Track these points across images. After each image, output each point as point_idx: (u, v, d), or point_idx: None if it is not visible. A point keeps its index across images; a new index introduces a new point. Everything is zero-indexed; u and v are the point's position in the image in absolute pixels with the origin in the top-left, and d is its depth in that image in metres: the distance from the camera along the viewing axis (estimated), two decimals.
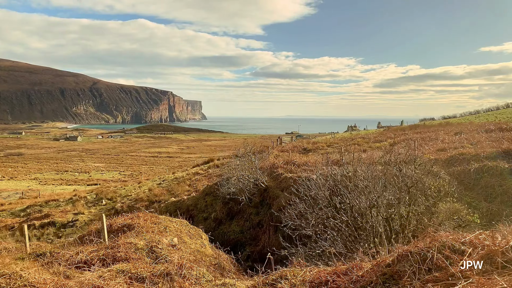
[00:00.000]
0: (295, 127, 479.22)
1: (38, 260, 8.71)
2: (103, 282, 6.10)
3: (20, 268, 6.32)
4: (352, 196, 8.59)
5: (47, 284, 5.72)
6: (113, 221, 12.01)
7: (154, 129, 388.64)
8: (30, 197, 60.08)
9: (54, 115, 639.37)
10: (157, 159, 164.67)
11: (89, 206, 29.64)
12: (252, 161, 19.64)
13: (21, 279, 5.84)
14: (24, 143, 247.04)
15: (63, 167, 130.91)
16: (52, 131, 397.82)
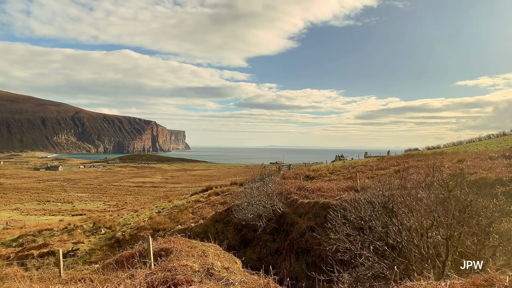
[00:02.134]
0: (279, 157, 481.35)
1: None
2: None
3: None
4: (415, 216, 8.45)
5: None
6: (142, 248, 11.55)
7: (137, 158, 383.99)
8: (14, 227, 57.68)
9: (34, 144, 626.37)
10: (142, 189, 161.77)
11: (87, 235, 28.55)
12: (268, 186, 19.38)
13: None
14: (3, 172, 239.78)
15: (45, 197, 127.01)
16: (31, 161, 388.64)
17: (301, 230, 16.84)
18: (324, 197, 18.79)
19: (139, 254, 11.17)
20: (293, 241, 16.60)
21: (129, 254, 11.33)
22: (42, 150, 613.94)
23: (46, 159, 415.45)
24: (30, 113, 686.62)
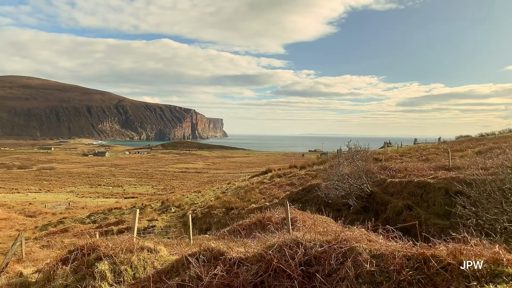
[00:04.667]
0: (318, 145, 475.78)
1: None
2: None
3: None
4: None
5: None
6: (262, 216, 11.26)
7: (179, 145, 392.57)
8: (76, 207, 60.56)
9: (80, 131, 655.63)
10: (186, 174, 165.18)
11: (158, 213, 29.16)
12: (356, 164, 18.71)
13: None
14: (55, 158, 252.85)
15: (96, 181, 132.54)
16: (79, 147, 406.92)
17: (397, 209, 16.07)
18: (416, 176, 17.87)
19: (259, 223, 10.89)
20: (388, 220, 15.87)
21: (247, 224, 11.08)
22: (88, 137, 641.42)
23: (92, 146, 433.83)
24: (77, 102, 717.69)
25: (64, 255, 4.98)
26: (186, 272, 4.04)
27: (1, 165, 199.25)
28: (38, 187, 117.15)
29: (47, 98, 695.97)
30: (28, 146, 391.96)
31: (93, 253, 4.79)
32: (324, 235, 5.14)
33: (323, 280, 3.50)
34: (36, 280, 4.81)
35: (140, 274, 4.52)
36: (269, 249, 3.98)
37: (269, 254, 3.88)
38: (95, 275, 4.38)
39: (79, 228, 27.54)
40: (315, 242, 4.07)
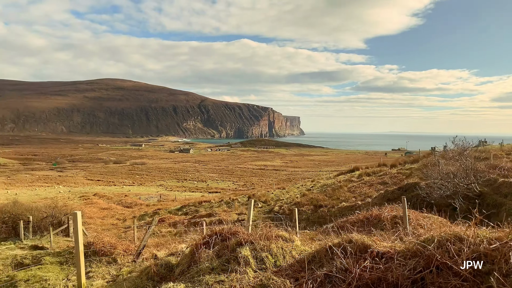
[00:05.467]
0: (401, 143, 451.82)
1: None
2: None
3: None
4: None
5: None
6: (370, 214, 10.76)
7: (256, 143, 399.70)
8: (167, 200, 64.67)
9: (167, 129, 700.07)
10: (265, 171, 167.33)
11: (246, 207, 29.78)
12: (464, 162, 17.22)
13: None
14: (145, 154, 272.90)
15: (182, 176, 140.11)
16: (166, 144, 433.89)
17: None
18: None
19: (366, 221, 10.44)
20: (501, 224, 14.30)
21: (353, 221, 10.67)
22: (174, 135, 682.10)
23: (178, 143, 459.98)
24: (164, 102, 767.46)
25: (204, 239, 5.14)
26: (332, 262, 3.89)
27: (99, 160, 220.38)
28: (131, 180, 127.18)
29: (138, 99, 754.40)
30: (121, 143, 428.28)
31: (233, 239, 4.88)
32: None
33: (501, 279, 3.08)
34: (178, 262, 5.04)
35: (281, 262, 4.49)
36: (428, 243, 3.65)
37: (429, 249, 3.55)
38: (239, 260, 4.43)
39: (173, 219, 29.19)
40: (481, 238, 3.65)
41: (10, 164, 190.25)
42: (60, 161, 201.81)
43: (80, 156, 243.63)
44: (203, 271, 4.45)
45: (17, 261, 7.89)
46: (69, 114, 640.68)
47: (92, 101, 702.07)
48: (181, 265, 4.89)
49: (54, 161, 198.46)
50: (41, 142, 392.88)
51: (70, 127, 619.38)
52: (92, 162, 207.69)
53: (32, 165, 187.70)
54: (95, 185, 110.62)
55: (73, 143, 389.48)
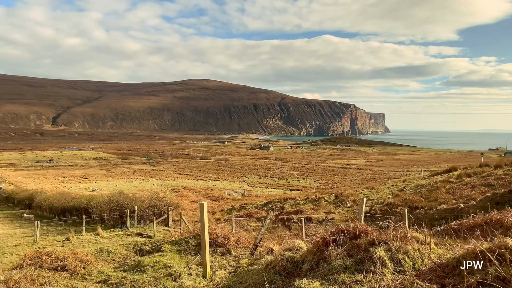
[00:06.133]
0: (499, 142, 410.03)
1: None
2: None
3: None
4: None
5: None
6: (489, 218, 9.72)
7: (338, 141, 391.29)
8: (250, 195, 66.28)
9: (248, 127, 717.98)
10: (347, 170, 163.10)
11: (334, 206, 29.16)
12: None
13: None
14: (228, 150, 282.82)
15: (263, 173, 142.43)
16: (247, 141, 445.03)
17: None
18: None
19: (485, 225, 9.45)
20: None
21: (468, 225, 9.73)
22: (255, 132, 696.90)
23: (258, 140, 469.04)
24: (245, 100, 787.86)
25: (332, 235, 5.01)
26: (485, 270, 3.48)
27: (187, 155, 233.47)
28: (216, 175, 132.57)
29: (222, 98, 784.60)
30: (206, 140, 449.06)
31: (363, 238, 4.67)
32: None
33: None
34: (303, 258, 4.97)
35: (419, 265, 4.17)
36: None
37: None
38: (374, 260, 4.21)
39: (261, 214, 29.65)
40: None
41: (110, 158, 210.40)
42: (153, 156, 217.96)
43: (170, 152, 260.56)
44: (335, 269, 4.30)
45: (138, 247, 8.54)
46: (160, 113, 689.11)
47: (181, 101, 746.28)
48: (308, 262, 4.79)
49: (148, 156, 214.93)
50: (136, 138, 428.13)
51: (161, 125, 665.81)
52: (180, 157, 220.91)
53: (128, 159, 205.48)
54: (184, 179, 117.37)
55: (164, 140, 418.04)
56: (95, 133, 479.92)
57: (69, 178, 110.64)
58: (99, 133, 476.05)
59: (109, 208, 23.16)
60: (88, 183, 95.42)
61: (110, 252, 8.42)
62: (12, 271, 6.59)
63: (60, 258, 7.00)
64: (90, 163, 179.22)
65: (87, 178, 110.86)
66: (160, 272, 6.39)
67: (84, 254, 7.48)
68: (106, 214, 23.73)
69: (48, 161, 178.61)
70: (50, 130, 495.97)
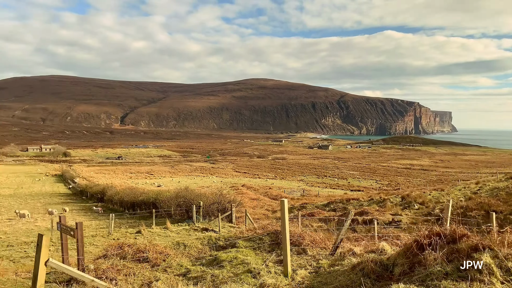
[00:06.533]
0: None
1: None
2: None
3: None
4: None
5: None
6: None
7: (401, 140, 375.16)
8: (309, 195, 65.59)
9: (305, 126, 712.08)
10: (411, 171, 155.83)
11: (401, 208, 27.88)
12: None
13: None
14: (285, 149, 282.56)
15: (322, 173, 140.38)
16: (304, 140, 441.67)
17: None
18: None
19: None
20: None
21: None
22: (312, 131, 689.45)
23: (316, 139, 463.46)
24: (303, 99, 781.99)
25: (425, 239, 4.69)
26: None
27: (245, 154, 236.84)
28: (274, 174, 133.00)
29: (279, 96, 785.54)
30: (263, 139, 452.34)
31: (464, 242, 4.31)
32: None
33: None
34: (393, 262, 4.71)
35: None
36: None
37: None
38: (480, 267, 3.86)
39: (323, 214, 29.14)
40: None
41: (173, 156, 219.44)
42: (212, 154, 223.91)
43: (228, 150, 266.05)
44: (435, 275, 4.00)
45: (212, 242, 8.70)
46: (219, 112, 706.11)
47: (239, 100, 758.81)
48: (400, 265, 4.51)
49: (208, 154, 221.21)
50: (197, 137, 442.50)
51: (220, 124, 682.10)
52: (238, 155, 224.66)
53: (190, 157, 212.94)
54: (242, 177, 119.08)
55: (222, 138, 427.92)
56: (159, 131, 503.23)
57: (136, 174, 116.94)
58: (162, 132, 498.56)
59: (176, 203, 24.02)
60: (154, 179, 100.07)
61: (186, 245, 8.65)
62: (98, 260, 7.02)
63: (141, 250, 7.32)
64: (155, 160, 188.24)
65: (152, 174, 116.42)
66: (238, 268, 6.41)
67: (163, 247, 7.76)
68: (173, 208, 24.67)
69: (117, 158, 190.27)
70: (119, 128, 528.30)
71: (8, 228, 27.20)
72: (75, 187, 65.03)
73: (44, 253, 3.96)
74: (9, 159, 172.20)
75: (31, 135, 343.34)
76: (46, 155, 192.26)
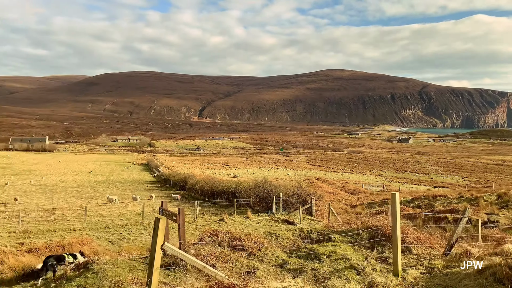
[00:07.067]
0: None
1: None
2: None
3: None
4: None
5: None
6: None
7: (491, 134, 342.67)
8: (389, 190, 62.70)
9: (384, 118, 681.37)
10: (503, 167, 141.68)
11: (497, 207, 25.36)
12: None
13: None
14: (362, 142, 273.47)
15: (402, 167, 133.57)
16: (382, 133, 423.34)
17: None
18: None
19: None
20: None
21: None
22: (391, 123, 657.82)
23: (395, 132, 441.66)
24: (381, 90, 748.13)
25: None
26: None
27: (319, 147, 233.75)
28: (350, 168, 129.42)
29: (355, 88, 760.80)
30: (338, 131, 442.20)
31: None
32: None
33: None
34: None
35: None
36: None
37: None
38: None
39: (407, 211, 27.57)
40: None
41: (248, 148, 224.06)
42: (285, 146, 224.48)
43: (302, 143, 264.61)
44: None
45: (304, 234, 8.54)
46: (293, 105, 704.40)
47: (313, 92, 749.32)
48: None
49: (281, 147, 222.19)
50: (270, 129, 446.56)
51: (293, 116, 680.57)
52: (312, 148, 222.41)
53: (263, 149, 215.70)
54: (316, 170, 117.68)
55: (296, 131, 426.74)
56: (234, 124, 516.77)
57: (213, 164, 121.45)
58: (237, 124, 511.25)
59: (255, 194, 24.33)
60: (229, 170, 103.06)
61: (278, 236, 8.60)
62: (195, 246, 7.23)
63: (236, 238, 7.40)
64: (230, 152, 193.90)
65: (228, 165, 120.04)
66: (338, 263, 6.14)
67: (256, 236, 7.78)
68: (252, 199, 25.04)
69: (196, 149, 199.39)
70: (197, 121, 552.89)
71: (104, 211, 29.78)
72: (159, 175, 69.33)
73: (160, 237, 4.07)
74: (101, 148, 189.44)
75: (120, 127, 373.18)
76: (133, 145, 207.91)
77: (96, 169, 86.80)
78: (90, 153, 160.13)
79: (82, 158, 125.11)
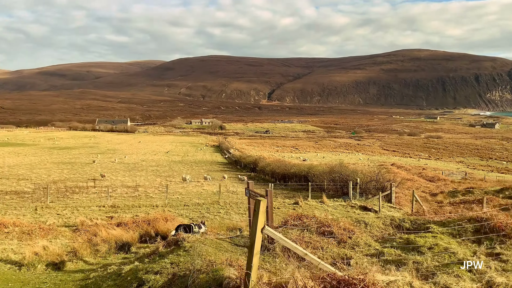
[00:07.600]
0: None
1: None
2: None
3: None
4: None
5: None
6: None
7: None
8: (473, 178, 58.06)
9: (466, 101, 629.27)
10: None
11: None
12: None
13: None
14: (440, 127, 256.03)
15: (486, 154, 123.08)
16: (464, 117, 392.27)
17: None
18: None
19: None
20: None
21: None
22: (474, 107, 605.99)
23: (479, 117, 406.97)
24: (464, 71, 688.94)
25: None
26: None
27: (393, 131, 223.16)
28: (427, 154, 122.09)
29: (434, 68, 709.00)
30: (415, 115, 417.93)
31: None
32: None
33: None
34: None
35: None
36: None
37: None
38: None
39: (497, 201, 25.25)
40: None
41: (317, 131, 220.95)
42: (357, 130, 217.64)
43: (375, 126, 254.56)
44: None
45: (395, 223, 8.05)
46: (365, 87, 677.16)
47: (387, 73, 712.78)
48: None
49: (353, 130, 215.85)
50: (341, 112, 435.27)
51: (366, 99, 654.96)
52: (386, 133, 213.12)
53: (334, 133, 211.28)
54: (391, 155, 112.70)
55: (368, 114, 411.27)
56: (303, 107, 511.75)
57: (282, 147, 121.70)
58: (306, 107, 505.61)
59: (330, 178, 23.77)
60: (298, 153, 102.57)
61: (367, 224, 8.19)
62: (280, 229, 7.12)
63: (323, 223, 7.16)
64: (299, 135, 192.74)
65: (297, 149, 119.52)
66: (443, 257, 5.63)
67: (345, 223, 7.46)
68: (326, 183, 24.51)
69: (265, 132, 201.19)
70: (266, 104, 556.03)
71: (182, 189, 31.23)
72: (230, 157, 71.14)
73: (261, 220, 3.91)
74: (177, 130, 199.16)
75: (193, 110, 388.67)
76: (205, 127, 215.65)
77: (173, 149, 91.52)
78: (167, 135, 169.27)
79: (159, 139, 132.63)
